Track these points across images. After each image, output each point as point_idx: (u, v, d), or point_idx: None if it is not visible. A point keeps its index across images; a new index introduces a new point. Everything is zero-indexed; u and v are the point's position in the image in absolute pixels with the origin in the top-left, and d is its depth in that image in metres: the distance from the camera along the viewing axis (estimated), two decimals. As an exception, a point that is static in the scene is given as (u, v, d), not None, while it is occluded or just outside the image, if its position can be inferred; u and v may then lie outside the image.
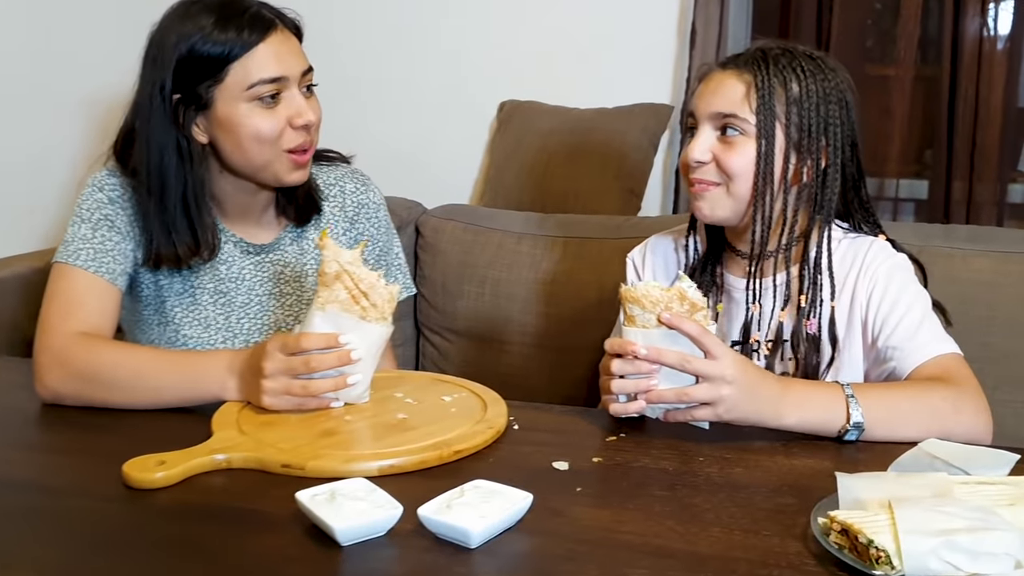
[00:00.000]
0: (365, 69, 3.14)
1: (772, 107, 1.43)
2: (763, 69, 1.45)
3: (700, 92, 1.50)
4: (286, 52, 1.49)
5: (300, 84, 1.51)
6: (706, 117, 1.47)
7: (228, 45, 1.45)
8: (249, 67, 1.46)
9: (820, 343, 1.47)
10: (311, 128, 1.53)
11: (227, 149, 1.51)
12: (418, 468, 1.18)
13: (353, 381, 1.33)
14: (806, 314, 1.47)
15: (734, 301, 1.57)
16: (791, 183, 1.47)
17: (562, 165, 2.74)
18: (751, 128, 1.44)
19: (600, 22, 2.91)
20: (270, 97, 1.48)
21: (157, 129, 1.49)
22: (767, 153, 1.44)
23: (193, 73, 1.46)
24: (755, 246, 1.47)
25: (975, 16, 2.52)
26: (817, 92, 1.45)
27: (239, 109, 1.47)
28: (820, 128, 1.45)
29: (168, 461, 1.16)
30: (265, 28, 1.48)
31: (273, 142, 1.49)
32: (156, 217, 1.51)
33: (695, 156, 1.46)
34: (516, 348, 2.29)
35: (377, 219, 1.74)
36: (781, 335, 1.49)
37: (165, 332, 1.61)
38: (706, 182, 1.47)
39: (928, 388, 1.33)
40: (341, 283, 1.34)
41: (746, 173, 1.45)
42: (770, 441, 1.28)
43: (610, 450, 1.26)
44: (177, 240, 1.52)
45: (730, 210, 1.48)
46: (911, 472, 1.09)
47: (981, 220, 2.51)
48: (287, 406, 1.33)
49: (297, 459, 1.18)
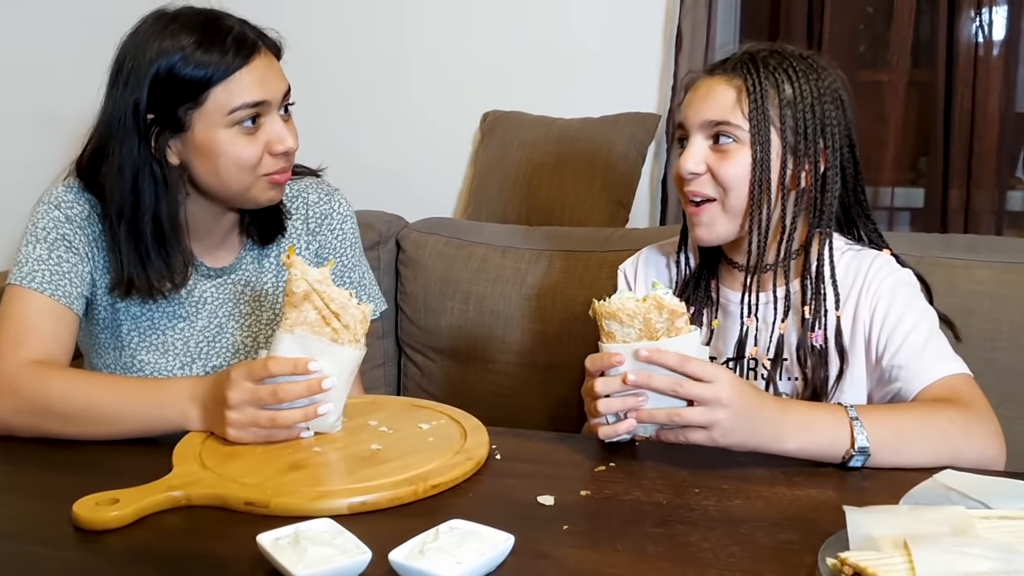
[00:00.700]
0: (343, 80, 3.09)
1: (765, 111, 1.37)
2: (753, 72, 1.38)
3: (689, 101, 1.44)
4: (269, 75, 1.42)
5: (279, 106, 1.44)
6: (697, 126, 1.41)
7: (211, 69, 1.37)
8: (232, 91, 1.38)
9: (827, 356, 1.40)
10: (290, 154, 1.45)
11: (202, 173, 1.43)
12: (392, 505, 1.10)
13: (324, 411, 1.25)
14: (811, 326, 1.40)
15: (731, 316, 1.49)
16: (789, 189, 1.40)
17: (547, 176, 2.69)
18: (744, 135, 1.37)
19: (584, 29, 2.86)
20: (250, 121, 1.40)
21: (130, 150, 1.40)
22: (763, 159, 1.37)
23: (171, 94, 1.38)
24: (752, 257, 1.40)
25: (970, 20, 2.47)
26: (811, 92, 1.39)
27: (219, 135, 1.40)
28: (817, 130, 1.39)
29: (122, 499, 1.08)
30: (248, 52, 1.40)
31: (252, 169, 1.42)
32: (128, 243, 1.43)
33: (688, 167, 1.39)
34: (502, 367, 2.22)
35: (342, 231, 1.65)
36: (782, 350, 1.41)
37: (120, 357, 1.53)
38: (701, 195, 1.40)
39: (936, 410, 1.25)
40: (310, 303, 1.25)
41: (742, 182, 1.38)
42: (770, 469, 1.20)
43: (599, 481, 1.18)
44: (150, 269, 1.44)
45: (728, 226, 1.42)
46: (925, 505, 1.01)
47: (980, 229, 2.45)
48: (254, 439, 1.25)
49: (261, 496, 1.09)
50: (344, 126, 3.05)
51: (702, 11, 2.65)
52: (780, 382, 1.42)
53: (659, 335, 1.19)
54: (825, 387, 1.40)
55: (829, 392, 1.40)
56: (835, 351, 1.40)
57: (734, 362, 1.45)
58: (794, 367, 1.42)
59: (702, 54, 2.65)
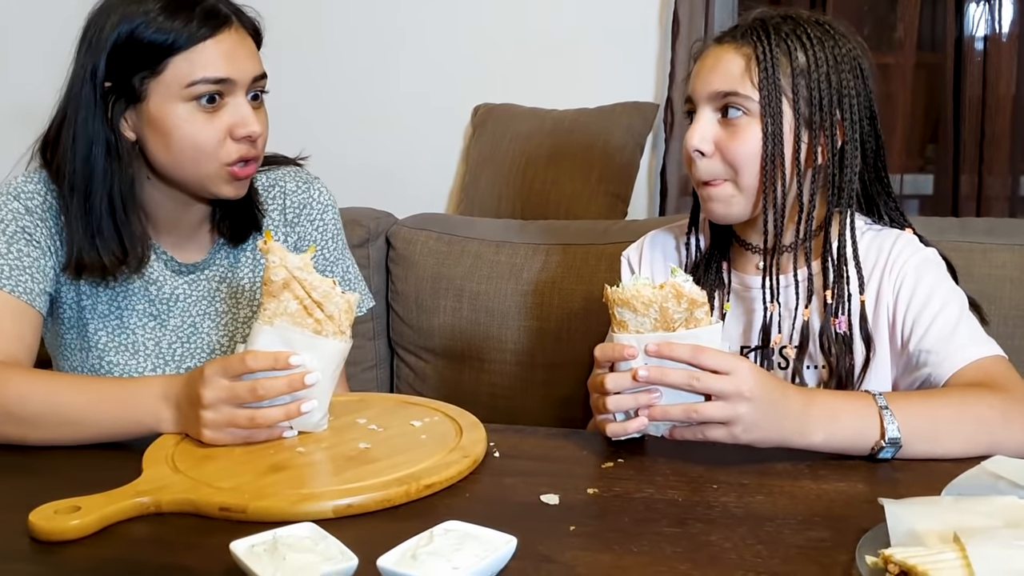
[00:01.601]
0: (329, 72, 3.01)
1: (776, 80, 1.28)
2: (764, 39, 1.29)
3: (696, 71, 1.35)
4: (238, 53, 1.32)
5: (248, 90, 1.34)
6: (704, 98, 1.32)
7: (172, 34, 1.28)
8: (193, 62, 1.29)
9: (852, 343, 1.30)
10: (256, 140, 1.35)
11: (155, 150, 1.34)
12: (381, 507, 1.01)
13: (308, 408, 1.16)
14: (834, 311, 1.30)
15: (743, 301, 1.40)
16: (805, 166, 1.31)
17: (542, 169, 2.60)
18: (755, 106, 1.28)
19: (577, 17, 2.79)
20: (209, 100, 1.30)
21: (85, 119, 1.32)
22: (774, 133, 1.28)
23: (129, 61, 1.29)
24: (769, 238, 1.31)
25: (978, 1, 2.38)
26: (827, 60, 1.29)
27: (175, 109, 1.30)
28: (833, 100, 1.30)
29: (84, 507, 0.98)
30: (219, 23, 1.31)
31: (211, 153, 1.32)
32: (80, 219, 1.34)
33: (694, 144, 1.31)
34: (498, 366, 2.13)
35: (323, 222, 1.55)
36: (807, 336, 1.32)
37: (88, 358, 1.43)
38: (712, 182, 1.32)
39: (972, 395, 1.16)
40: (290, 292, 1.16)
41: (753, 160, 1.29)
42: (793, 462, 1.11)
43: (607, 479, 1.08)
44: (102, 246, 1.34)
45: (742, 206, 1.33)
46: (971, 496, 0.91)
47: (992, 215, 2.37)
48: (232, 440, 1.15)
49: (238, 500, 1.00)
50: (330, 119, 2.97)
51: (699, -4, 2.57)
52: (805, 371, 1.33)
53: (676, 326, 1.10)
54: (851, 376, 1.30)
55: (855, 381, 1.31)
56: (860, 337, 1.30)
57: (759, 351, 1.36)
58: (817, 354, 1.33)
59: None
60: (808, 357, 1.33)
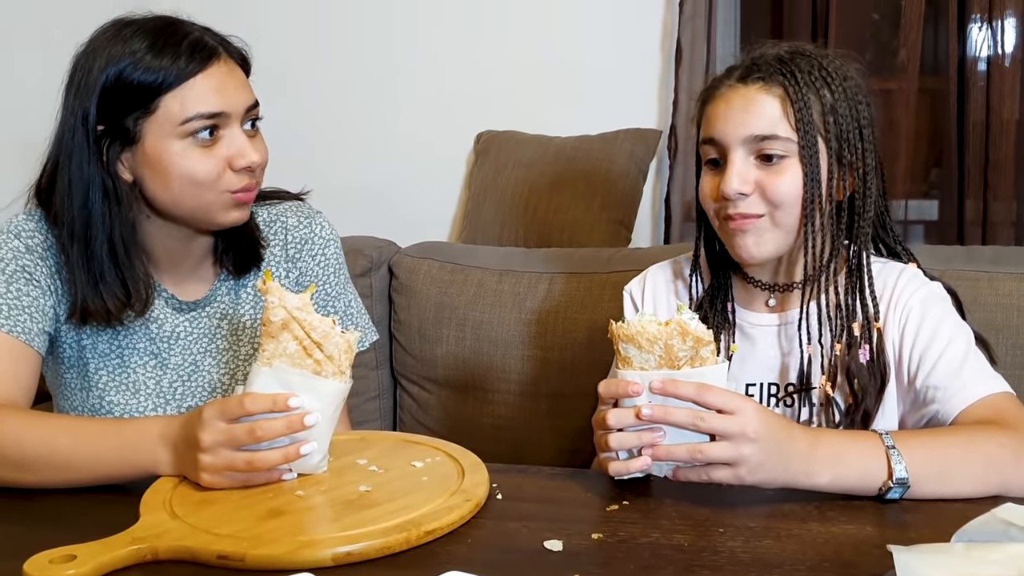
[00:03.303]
0: (331, 100, 3.01)
1: (811, 120, 1.26)
2: (792, 79, 1.27)
3: (722, 114, 1.30)
4: (229, 85, 1.31)
5: (243, 120, 1.33)
6: (739, 142, 1.28)
7: (161, 73, 1.27)
8: (185, 99, 1.28)
9: (876, 371, 1.29)
10: (255, 170, 1.34)
11: (154, 190, 1.33)
12: (381, 554, 0.99)
13: (307, 451, 1.14)
14: (859, 342, 1.29)
15: (750, 340, 1.38)
16: (836, 199, 1.30)
17: (545, 197, 2.59)
18: (793, 147, 1.27)
19: (579, 44, 2.79)
20: (207, 134, 1.29)
21: (80, 165, 1.30)
22: (813, 172, 1.27)
23: (120, 102, 1.28)
24: (808, 272, 1.30)
25: (980, 26, 2.37)
26: (846, 94, 1.29)
27: (171, 146, 1.29)
28: (857, 134, 1.30)
29: (80, 555, 0.96)
30: (206, 57, 1.30)
31: (210, 185, 1.31)
32: (81, 266, 1.32)
33: (736, 188, 1.27)
34: (502, 396, 2.11)
35: (324, 257, 1.54)
36: (837, 371, 1.30)
37: (88, 398, 1.41)
38: (750, 215, 1.29)
39: (981, 434, 1.14)
40: (289, 333, 1.14)
41: (795, 198, 1.28)
42: (800, 503, 1.09)
43: (612, 523, 1.06)
44: (105, 292, 1.33)
45: (778, 243, 1.31)
46: (983, 543, 0.89)
47: (998, 240, 2.36)
48: (230, 483, 1.13)
49: (236, 548, 0.98)
50: (333, 147, 2.96)
51: (701, 23, 2.57)
52: (815, 407, 1.32)
53: (681, 364, 1.08)
54: (876, 403, 1.28)
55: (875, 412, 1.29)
56: (878, 367, 1.29)
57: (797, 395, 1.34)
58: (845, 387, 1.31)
59: (703, 66, 2.57)
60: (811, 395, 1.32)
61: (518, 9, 2.84)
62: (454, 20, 2.90)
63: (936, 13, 2.49)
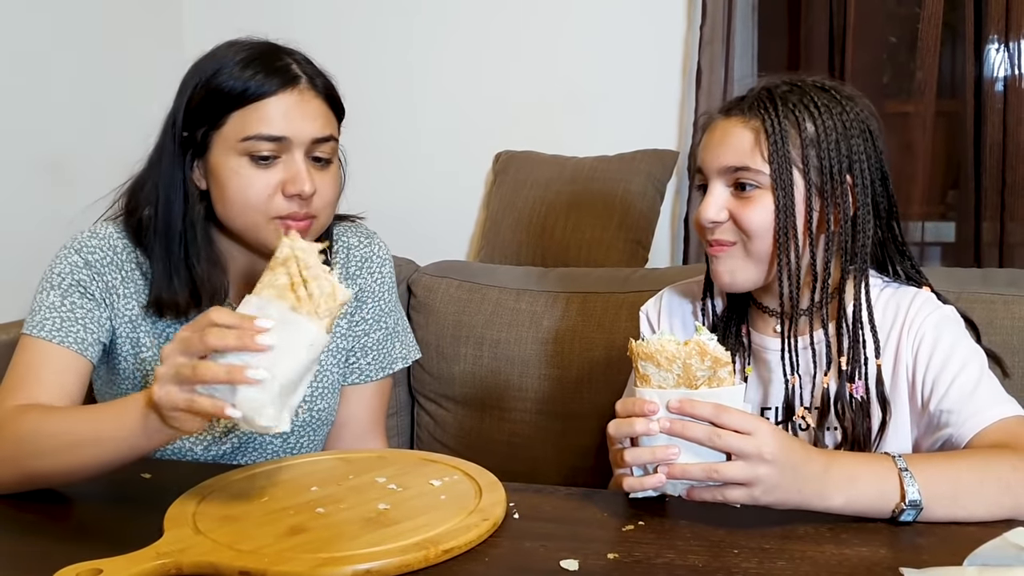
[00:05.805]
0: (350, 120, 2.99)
1: (787, 153, 1.28)
2: (771, 112, 1.30)
3: (706, 144, 1.35)
4: (298, 113, 1.34)
5: (308, 151, 1.35)
6: (715, 172, 1.32)
7: (241, 82, 1.32)
8: (248, 119, 1.32)
9: (869, 407, 1.30)
10: (307, 199, 1.35)
11: (216, 201, 1.38)
12: (400, 572, 1.00)
13: (254, 376, 1.05)
14: (849, 376, 1.30)
15: (764, 363, 1.39)
16: (817, 232, 1.31)
17: (562, 217, 2.61)
18: (766, 179, 1.29)
19: (599, 65, 2.81)
20: (266, 155, 1.32)
21: (168, 164, 1.38)
22: (786, 204, 1.28)
23: (200, 110, 1.34)
24: (785, 305, 1.32)
25: (997, 47, 2.38)
26: (835, 127, 1.30)
27: (229, 161, 1.33)
28: (843, 167, 1.30)
29: (106, 570, 0.98)
30: (285, 81, 1.33)
31: (258, 206, 1.33)
32: (161, 260, 1.39)
33: (709, 216, 1.31)
34: (518, 415, 2.12)
35: (381, 275, 1.61)
36: (827, 402, 1.31)
37: None
38: (724, 242, 1.32)
39: (994, 457, 1.14)
40: (285, 268, 1.11)
41: (766, 229, 1.30)
42: (814, 524, 1.10)
43: (627, 543, 1.07)
44: (179, 286, 1.38)
45: (751, 272, 1.33)
46: (995, 567, 0.90)
47: (1016, 262, 2.36)
48: (176, 400, 1.06)
49: (258, 564, 1.00)
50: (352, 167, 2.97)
51: (720, 46, 2.59)
52: (824, 433, 1.33)
53: (699, 384, 1.10)
54: (868, 440, 1.30)
55: (872, 445, 1.30)
56: (877, 401, 1.30)
57: (785, 423, 1.35)
58: (833, 418, 1.32)
59: (721, 89, 2.59)
60: (827, 420, 1.32)
61: (537, 31, 2.87)
62: (473, 42, 2.93)
63: (953, 36, 2.51)
